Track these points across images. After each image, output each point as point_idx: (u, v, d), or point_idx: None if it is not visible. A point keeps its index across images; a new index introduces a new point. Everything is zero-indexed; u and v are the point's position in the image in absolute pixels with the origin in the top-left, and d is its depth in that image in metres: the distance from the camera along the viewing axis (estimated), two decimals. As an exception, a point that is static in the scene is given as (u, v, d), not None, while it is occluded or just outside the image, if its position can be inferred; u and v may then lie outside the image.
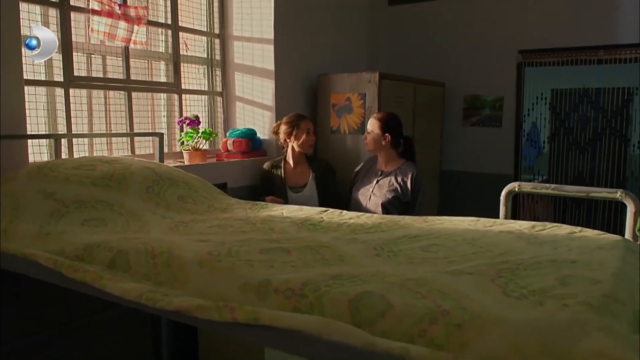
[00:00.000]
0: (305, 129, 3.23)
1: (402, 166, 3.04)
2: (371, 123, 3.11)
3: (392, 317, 1.00)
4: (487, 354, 0.89)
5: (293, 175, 3.25)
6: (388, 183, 3.02)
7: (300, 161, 3.28)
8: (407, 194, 2.97)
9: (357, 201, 3.09)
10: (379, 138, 3.03)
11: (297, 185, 3.23)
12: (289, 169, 3.27)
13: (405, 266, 1.26)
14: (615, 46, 3.96)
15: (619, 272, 1.15)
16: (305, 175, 3.25)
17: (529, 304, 0.99)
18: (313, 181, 3.22)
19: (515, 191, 1.97)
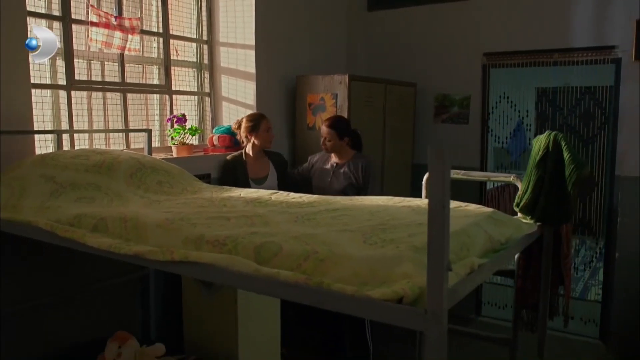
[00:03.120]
0: (266, 127, 3.57)
1: (354, 157, 3.52)
2: (327, 132, 3.59)
3: (281, 257, 1.42)
4: (337, 278, 1.30)
5: (254, 168, 3.60)
6: (343, 173, 3.48)
7: (260, 155, 3.64)
8: (359, 181, 3.42)
9: (317, 188, 3.53)
10: (338, 143, 3.53)
11: (258, 177, 3.60)
12: (251, 162, 3.61)
13: (310, 228, 1.67)
14: (569, 49, 4.33)
15: (460, 230, 1.55)
16: (265, 168, 3.64)
17: (375, 248, 1.40)
18: (274, 173, 3.63)
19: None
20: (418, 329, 1.11)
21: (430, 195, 1.07)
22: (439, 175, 1.05)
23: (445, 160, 1.05)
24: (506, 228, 1.77)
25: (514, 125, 4.64)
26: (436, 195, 1.06)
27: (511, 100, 4.60)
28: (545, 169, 1.96)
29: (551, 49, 4.38)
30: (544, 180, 1.95)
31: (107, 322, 3.01)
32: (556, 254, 2.09)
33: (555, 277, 2.13)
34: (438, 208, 1.06)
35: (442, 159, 1.05)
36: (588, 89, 4.34)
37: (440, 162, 1.05)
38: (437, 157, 1.06)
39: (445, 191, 1.06)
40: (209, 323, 3.24)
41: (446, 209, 1.07)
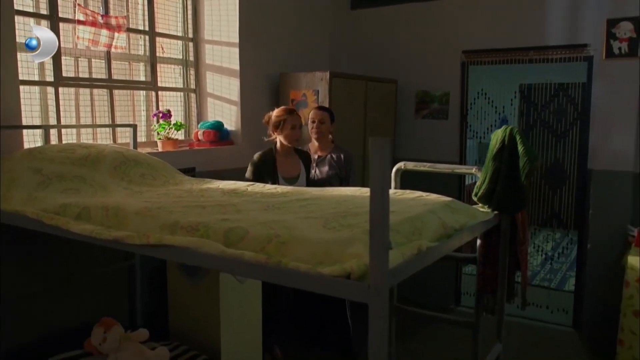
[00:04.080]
0: (290, 124, 3.47)
1: (334, 149, 3.64)
2: (321, 114, 3.68)
3: (247, 240, 1.55)
4: (296, 258, 1.44)
5: (285, 166, 3.51)
6: (328, 163, 3.59)
7: (289, 153, 3.55)
8: (343, 171, 3.55)
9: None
10: (330, 127, 3.62)
11: (290, 176, 3.52)
12: (280, 159, 3.51)
13: (278, 215, 1.80)
14: (544, 47, 4.47)
15: (415, 216, 1.69)
16: (296, 167, 3.56)
17: (332, 232, 1.54)
18: (304, 172, 3.56)
19: (402, 169, 2.52)
20: (362, 300, 1.25)
21: (371, 182, 1.20)
22: (379, 163, 1.18)
23: (385, 150, 1.19)
24: (461, 216, 1.91)
25: (492, 121, 4.78)
26: (376, 181, 1.20)
27: (489, 96, 4.75)
28: (501, 161, 2.10)
29: (527, 47, 4.53)
30: (500, 172, 2.09)
31: (95, 309, 3.13)
32: (513, 241, 2.23)
33: (513, 263, 2.27)
34: (378, 193, 1.19)
35: (382, 149, 1.18)
36: (562, 86, 4.50)
37: (381, 151, 1.19)
38: (378, 147, 1.19)
39: (385, 177, 1.19)
40: (193, 311, 3.37)
41: (385, 194, 1.20)
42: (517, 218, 2.21)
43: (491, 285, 2.26)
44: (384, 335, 1.24)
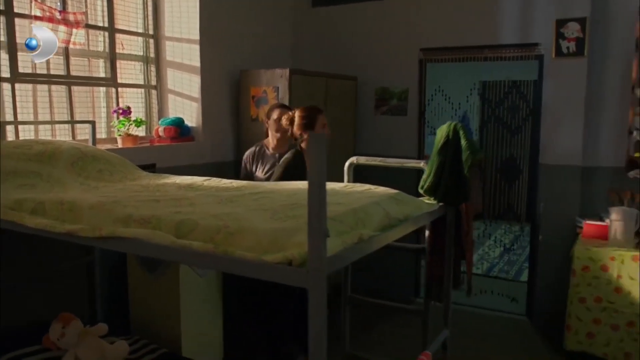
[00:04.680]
0: (322, 122, 3.36)
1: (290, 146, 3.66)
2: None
3: (197, 231, 1.62)
4: (243, 247, 1.51)
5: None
6: None
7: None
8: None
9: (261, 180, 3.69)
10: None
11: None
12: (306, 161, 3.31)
13: (229, 208, 1.87)
14: (498, 46, 4.63)
15: (359, 208, 1.78)
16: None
17: (279, 222, 1.61)
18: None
19: (354, 163, 2.61)
20: (302, 285, 1.33)
21: (309, 174, 1.28)
22: (317, 157, 1.26)
23: (322, 145, 1.27)
24: (406, 207, 2.01)
25: (449, 117, 4.92)
26: (314, 174, 1.27)
27: (446, 93, 4.88)
28: (445, 155, 2.21)
29: (482, 45, 4.68)
30: (445, 165, 2.20)
31: (55, 305, 3.14)
32: (459, 232, 2.35)
33: (458, 253, 2.39)
34: (316, 185, 1.27)
35: (319, 144, 1.27)
36: (515, 83, 4.66)
37: (318, 146, 1.27)
38: (316, 142, 1.27)
39: (322, 170, 1.27)
40: (153, 305, 3.42)
41: (322, 186, 1.28)
42: (462, 209, 2.33)
43: (438, 274, 2.37)
44: (323, 318, 1.32)
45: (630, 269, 3.62)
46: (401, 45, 4.94)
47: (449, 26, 4.75)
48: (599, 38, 4.21)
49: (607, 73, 4.23)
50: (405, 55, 4.93)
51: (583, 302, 3.77)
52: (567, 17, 4.23)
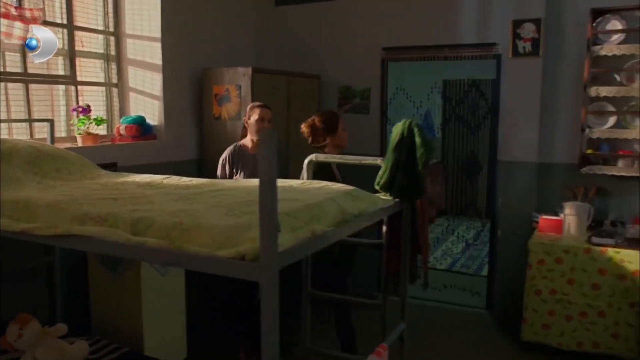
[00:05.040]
0: (342, 125, 3.45)
1: None
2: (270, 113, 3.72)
3: (153, 229, 1.63)
4: (198, 243, 1.53)
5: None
6: None
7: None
8: None
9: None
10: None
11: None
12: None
13: (186, 205, 1.89)
14: (457, 45, 4.73)
15: (314, 204, 1.82)
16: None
17: (234, 218, 1.64)
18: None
19: (313, 161, 2.65)
20: (254, 279, 1.36)
21: (261, 171, 1.32)
22: (268, 154, 1.30)
23: (272, 143, 1.30)
24: (361, 203, 2.06)
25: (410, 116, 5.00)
26: (265, 170, 1.31)
27: (407, 92, 4.96)
28: (400, 152, 2.27)
29: (442, 45, 4.77)
30: (400, 162, 2.26)
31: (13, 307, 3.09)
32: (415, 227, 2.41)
33: (414, 248, 2.45)
34: (266, 181, 1.31)
35: (270, 141, 1.30)
36: (475, 82, 4.77)
37: (269, 143, 1.30)
38: (267, 140, 1.30)
39: (272, 167, 1.30)
40: (115, 304, 3.40)
41: (273, 182, 1.31)
42: (417, 205, 2.39)
43: (394, 268, 2.43)
44: (275, 312, 1.36)
45: (582, 262, 3.76)
46: (363, 44, 5.00)
47: (410, 26, 4.83)
48: (553, 38, 4.34)
49: (561, 72, 4.37)
50: (368, 54, 4.99)
51: (539, 294, 3.90)
52: (523, 18, 4.35)
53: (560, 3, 4.32)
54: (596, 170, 4.22)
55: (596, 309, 3.74)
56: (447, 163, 5.93)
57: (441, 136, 5.65)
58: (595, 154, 4.25)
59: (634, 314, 3.65)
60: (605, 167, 4.22)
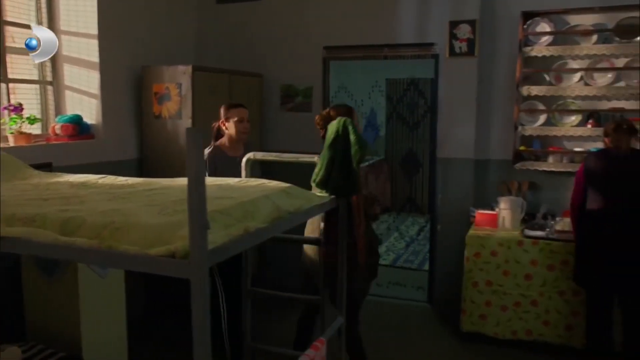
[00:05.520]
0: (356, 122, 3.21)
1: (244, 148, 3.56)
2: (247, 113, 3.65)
3: (84, 228, 1.61)
4: (129, 242, 1.52)
5: None
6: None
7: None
8: None
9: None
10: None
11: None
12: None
13: (119, 204, 1.86)
14: (397, 45, 4.83)
15: (248, 201, 1.84)
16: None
17: (166, 216, 1.64)
18: None
19: (252, 159, 2.67)
20: (184, 277, 1.37)
21: (188, 168, 1.33)
22: (194, 151, 1.31)
23: (197, 141, 1.31)
24: (297, 200, 2.08)
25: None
26: (192, 168, 1.32)
27: (349, 90, 5.04)
28: (335, 149, 2.31)
29: (382, 44, 4.86)
30: (335, 160, 2.30)
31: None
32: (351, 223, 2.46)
33: (351, 243, 2.50)
34: (194, 178, 1.32)
35: (196, 138, 1.31)
36: (414, 81, 4.88)
37: (195, 141, 1.31)
38: (192, 138, 1.31)
39: (200, 164, 1.32)
40: (51, 309, 3.31)
41: (201, 179, 1.33)
42: (353, 202, 2.44)
43: (333, 264, 2.47)
44: (206, 309, 1.37)
45: (516, 254, 3.92)
46: (305, 43, 5.04)
47: (350, 25, 4.89)
48: (487, 39, 4.50)
49: (495, 72, 4.54)
50: (309, 53, 5.03)
51: (476, 286, 4.04)
52: (459, 18, 4.49)
53: (494, 5, 4.49)
54: (528, 166, 4.41)
55: (529, 299, 3.91)
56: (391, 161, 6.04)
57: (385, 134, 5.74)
58: (528, 150, 4.44)
59: (562, 302, 3.83)
60: (537, 162, 4.41)
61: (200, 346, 1.38)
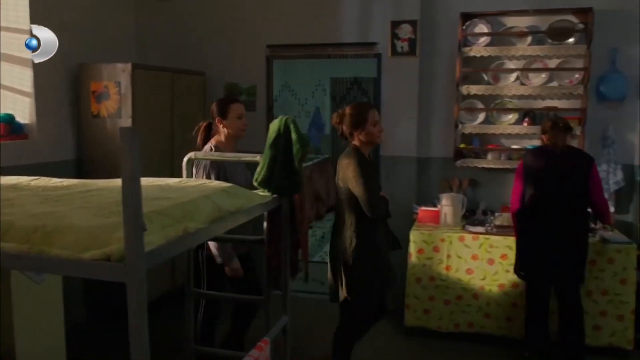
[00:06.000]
0: (374, 119, 3.12)
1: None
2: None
3: (13, 233, 1.54)
4: (62, 246, 1.47)
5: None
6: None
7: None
8: None
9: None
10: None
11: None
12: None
13: (52, 207, 1.79)
14: (340, 44, 4.86)
15: (188, 201, 1.81)
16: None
17: (102, 218, 1.59)
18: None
19: (192, 158, 2.63)
20: (120, 280, 1.33)
21: (122, 169, 1.29)
22: (129, 151, 1.27)
23: (134, 139, 1.28)
24: (238, 200, 2.06)
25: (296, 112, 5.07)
26: (127, 168, 1.28)
27: (292, 89, 5.03)
28: (277, 148, 2.31)
29: (326, 44, 4.88)
30: (277, 158, 2.29)
31: None
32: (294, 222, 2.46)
33: (294, 242, 2.50)
34: (128, 179, 1.28)
35: (131, 138, 1.27)
36: (357, 80, 4.92)
37: (130, 140, 1.27)
38: (127, 136, 1.28)
39: (134, 164, 1.28)
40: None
41: (136, 179, 1.29)
42: (295, 200, 2.44)
43: (276, 263, 2.46)
44: (143, 313, 1.33)
45: (457, 249, 4.02)
46: (248, 41, 5.00)
47: (294, 24, 4.89)
48: (428, 39, 4.59)
49: (436, 71, 4.63)
50: (253, 52, 5.00)
51: (419, 281, 4.12)
52: (401, 19, 4.57)
53: (434, 6, 4.58)
54: (469, 163, 4.52)
55: (471, 292, 4.02)
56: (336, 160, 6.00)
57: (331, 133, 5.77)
58: (468, 148, 4.56)
59: (502, 294, 3.96)
60: (476, 160, 4.54)
61: (138, 353, 1.35)
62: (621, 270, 3.79)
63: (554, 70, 4.36)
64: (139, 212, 1.32)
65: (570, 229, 3.51)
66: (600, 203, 3.54)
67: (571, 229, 3.52)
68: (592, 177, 3.49)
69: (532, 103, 4.48)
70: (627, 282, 3.80)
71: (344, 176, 3.07)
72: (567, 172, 3.52)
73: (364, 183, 2.96)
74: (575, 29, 4.30)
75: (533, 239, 3.60)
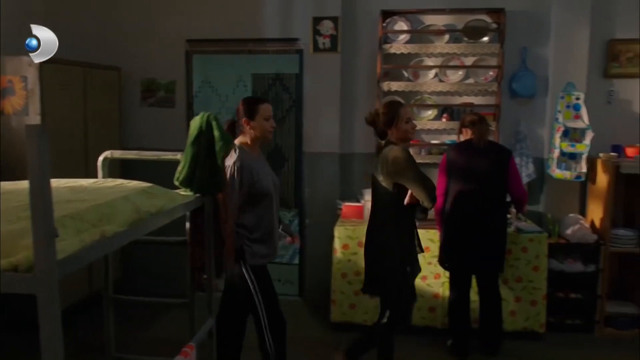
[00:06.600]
0: (406, 116, 3.09)
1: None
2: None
3: None
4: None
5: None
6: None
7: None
8: None
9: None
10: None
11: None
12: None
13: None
14: (262, 40, 4.79)
15: (104, 203, 1.70)
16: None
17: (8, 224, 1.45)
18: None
19: (109, 157, 2.49)
20: (29, 292, 1.23)
21: (29, 170, 1.18)
22: (36, 151, 1.17)
23: (42, 138, 1.17)
24: (158, 200, 1.97)
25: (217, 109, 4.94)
26: (34, 170, 1.18)
27: (213, 85, 4.92)
28: (199, 146, 2.23)
29: (247, 39, 4.80)
30: (199, 156, 2.22)
31: None
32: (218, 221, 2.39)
33: (219, 241, 2.43)
34: (36, 181, 1.18)
35: (38, 137, 1.17)
36: (279, 76, 4.87)
37: (37, 139, 1.17)
38: (33, 135, 1.17)
39: (43, 165, 1.18)
40: None
41: (45, 181, 1.19)
42: (219, 199, 2.37)
43: (200, 263, 2.39)
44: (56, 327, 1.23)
45: (381, 243, 4.05)
46: (167, 35, 4.84)
47: (214, 18, 4.78)
48: (350, 36, 4.61)
49: (357, 68, 4.67)
50: (171, 46, 4.85)
51: (345, 277, 4.14)
52: (322, 15, 4.56)
53: (355, 3, 4.62)
54: (390, 158, 4.58)
55: (395, 286, 4.07)
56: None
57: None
58: (389, 143, 4.62)
59: (425, 285, 4.05)
60: (398, 155, 4.60)
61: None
62: (534, 258, 3.99)
63: (470, 68, 4.51)
64: (49, 216, 1.22)
65: (491, 221, 3.65)
66: (521, 194, 3.71)
67: (492, 221, 3.65)
68: (511, 169, 3.64)
69: (450, 99, 4.61)
70: (539, 269, 3.99)
71: (393, 170, 3.02)
72: (489, 165, 3.64)
73: (421, 176, 2.97)
74: (489, 28, 4.46)
75: (456, 231, 3.70)
